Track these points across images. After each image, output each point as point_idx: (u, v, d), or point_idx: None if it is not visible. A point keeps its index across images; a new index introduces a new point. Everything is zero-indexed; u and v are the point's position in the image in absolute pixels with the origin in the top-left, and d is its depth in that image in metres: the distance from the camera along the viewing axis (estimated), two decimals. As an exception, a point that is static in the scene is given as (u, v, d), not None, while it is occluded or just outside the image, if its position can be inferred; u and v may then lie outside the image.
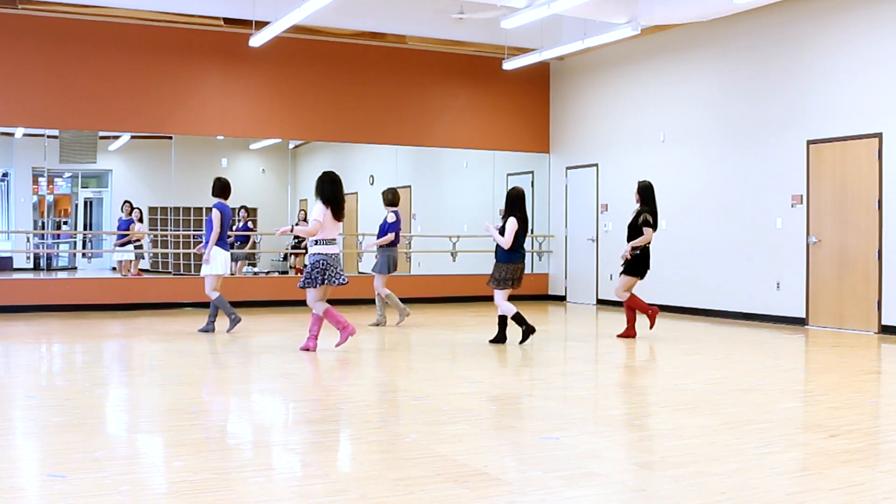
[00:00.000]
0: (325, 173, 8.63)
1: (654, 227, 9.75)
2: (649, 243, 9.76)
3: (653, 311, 9.99)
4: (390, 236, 10.87)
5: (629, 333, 9.94)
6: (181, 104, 13.75)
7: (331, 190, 8.52)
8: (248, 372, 7.97)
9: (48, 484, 4.09)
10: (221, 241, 10.05)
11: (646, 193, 9.84)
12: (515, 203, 9.20)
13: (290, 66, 14.25)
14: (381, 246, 10.92)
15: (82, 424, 5.40)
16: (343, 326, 8.57)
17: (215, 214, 9.99)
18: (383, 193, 11.18)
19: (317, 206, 8.49)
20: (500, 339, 9.32)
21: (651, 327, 10.14)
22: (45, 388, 6.93)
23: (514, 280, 9.16)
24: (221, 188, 10.20)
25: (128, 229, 14.87)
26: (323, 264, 8.44)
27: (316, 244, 8.50)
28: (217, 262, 10.02)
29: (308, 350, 8.65)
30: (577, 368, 8.34)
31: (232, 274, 12.11)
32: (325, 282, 8.44)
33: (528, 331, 9.14)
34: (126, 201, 15.14)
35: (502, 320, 9.33)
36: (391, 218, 10.91)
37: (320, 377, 7.71)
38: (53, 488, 4.00)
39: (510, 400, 6.43)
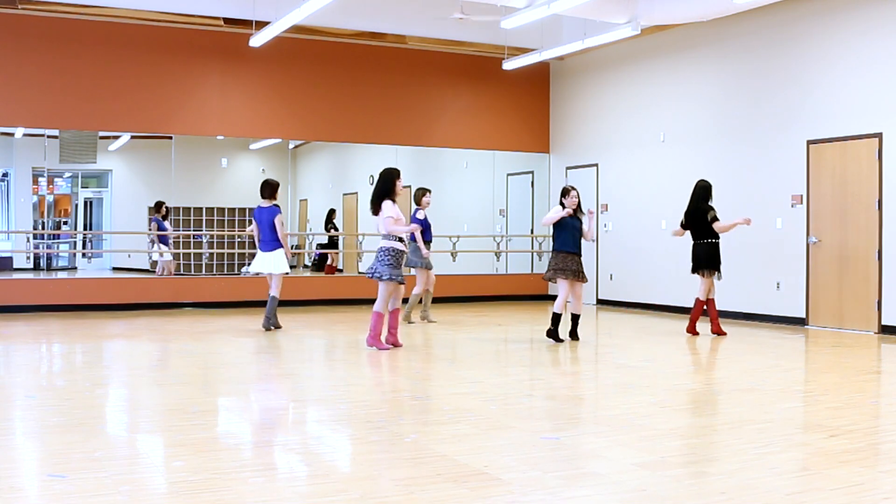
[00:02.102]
0: (383, 170, 8.74)
1: (686, 225, 10.18)
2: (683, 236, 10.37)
3: (691, 331, 10.30)
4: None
5: (714, 330, 10.22)
6: (181, 104, 13.75)
7: (384, 187, 8.63)
8: (248, 372, 7.97)
9: (48, 484, 4.10)
10: (261, 243, 10.37)
11: (696, 194, 10.18)
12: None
13: (290, 66, 14.25)
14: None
15: (82, 424, 5.40)
16: (374, 335, 8.67)
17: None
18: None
19: (385, 205, 8.53)
20: (572, 335, 9.56)
21: (688, 330, 10.37)
22: (45, 388, 6.93)
23: (555, 270, 9.40)
24: (265, 190, 10.42)
25: (166, 229, 14.76)
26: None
27: (384, 239, 8.62)
28: (254, 262, 10.48)
29: (395, 346, 8.77)
30: (577, 368, 8.34)
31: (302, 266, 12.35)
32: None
33: (553, 332, 9.46)
34: (160, 202, 14.90)
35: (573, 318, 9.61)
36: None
37: (320, 377, 7.71)
38: (53, 488, 4.00)
39: (510, 400, 6.43)
